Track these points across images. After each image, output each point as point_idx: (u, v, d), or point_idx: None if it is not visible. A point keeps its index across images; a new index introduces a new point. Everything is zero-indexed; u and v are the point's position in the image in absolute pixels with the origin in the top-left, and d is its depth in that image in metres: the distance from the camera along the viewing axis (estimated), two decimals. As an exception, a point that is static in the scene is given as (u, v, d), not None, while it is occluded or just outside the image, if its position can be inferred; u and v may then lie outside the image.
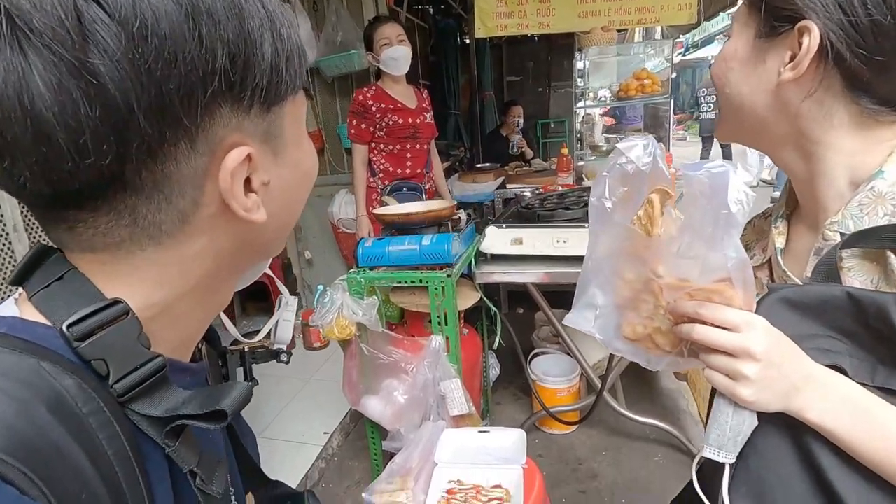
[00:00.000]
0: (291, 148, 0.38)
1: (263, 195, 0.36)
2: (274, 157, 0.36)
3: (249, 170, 0.34)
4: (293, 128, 0.38)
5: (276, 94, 0.35)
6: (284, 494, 0.60)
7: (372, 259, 1.61)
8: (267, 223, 0.37)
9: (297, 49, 0.36)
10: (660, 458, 2.00)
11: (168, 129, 0.30)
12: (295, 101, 0.38)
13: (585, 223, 1.69)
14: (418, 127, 2.37)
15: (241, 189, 0.34)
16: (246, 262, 0.41)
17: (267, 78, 0.33)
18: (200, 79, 0.30)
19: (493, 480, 1.19)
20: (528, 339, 2.54)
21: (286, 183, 0.38)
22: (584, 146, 3.56)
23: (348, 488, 1.95)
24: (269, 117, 0.35)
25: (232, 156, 0.32)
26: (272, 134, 0.36)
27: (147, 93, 0.28)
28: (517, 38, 5.44)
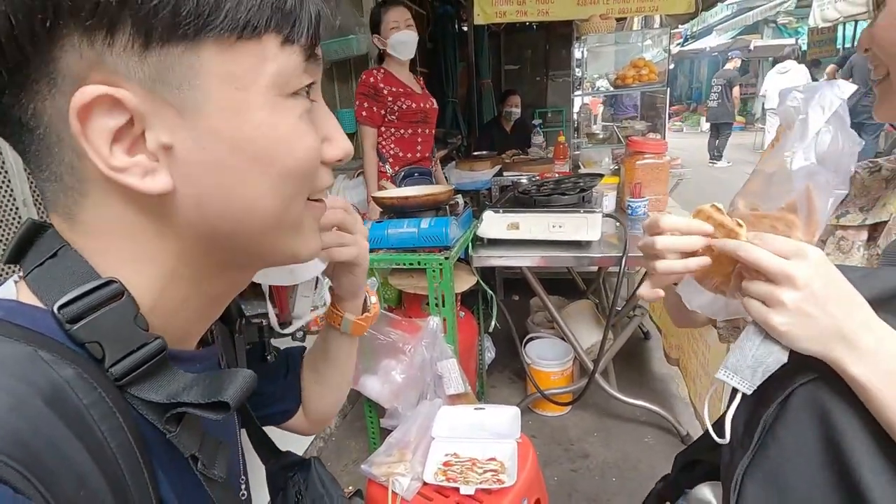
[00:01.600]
0: (218, 113, 0.30)
1: (170, 164, 0.30)
2: (179, 118, 0.30)
3: (139, 124, 0.29)
4: (224, 86, 0.30)
5: (162, 26, 0.28)
6: (293, 463, 0.63)
7: (371, 241, 1.63)
8: (192, 202, 0.32)
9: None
10: (649, 439, 2.05)
11: (12, 53, 0.27)
12: (233, 50, 0.30)
13: (580, 209, 1.74)
14: (427, 112, 2.38)
15: (104, 139, 0.29)
16: (225, 255, 0.35)
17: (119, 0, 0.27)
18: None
19: (488, 454, 1.23)
20: (522, 325, 2.59)
21: (211, 157, 0.31)
22: (580, 134, 3.58)
23: (346, 466, 2.00)
24: (156, 58, 0.28)
25: (82, 90, 0.27)
26: (170, 83, 0.29)
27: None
28: (515, 27, 5.42)
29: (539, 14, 3.20)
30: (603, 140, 3.41)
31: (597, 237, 1.68)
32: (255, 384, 0.34)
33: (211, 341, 0.46)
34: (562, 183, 1.99)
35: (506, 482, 1.13)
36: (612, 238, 1.82)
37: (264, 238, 0.35)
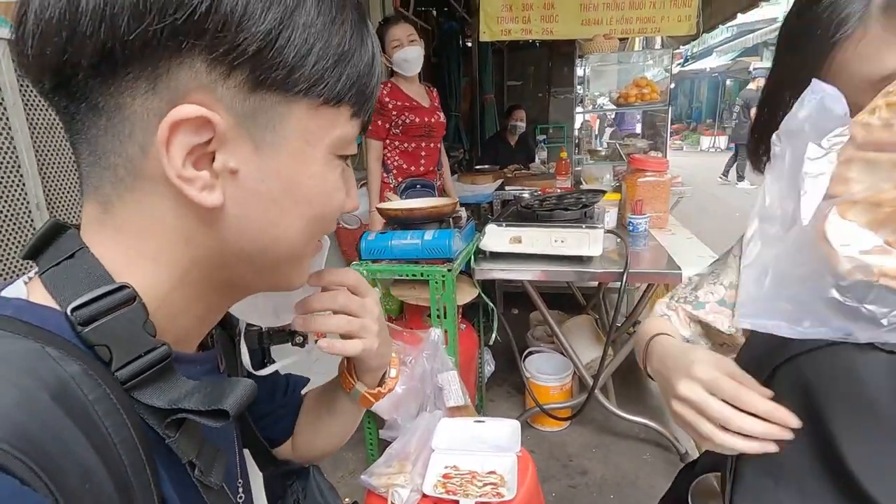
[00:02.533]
0: (286, 157, 0.34)
1: (228, 183, 0.33)
2: (254, 151, 0.33)
3: (215, 144, 0.32)
4: (300, 138, 0.34)
5: (272, 78, 0.32)
6: (291, 471, 0.63)
7: (374, 252, 1.65)
8: (235, 223, 0.34)
9: (342, 58, 0.34)
10: (648, 456, 2.04)
11: (111, 43, 0.29)
12: (316, 112, 0.34)
13: (582, 224, 1.75)
14: (433, 126, 2.39)
15: (182, 150, 0.31)
16: (237, 269, 0.37)
17: (255, 47, 0.30)
18: (160, 3, 0.28)
19: (487, 467, 1.23)
20: (522, 339, 2.59)
21: (266, 190, 0.34)
22: (582, 150, 3.61)
23: (342, 478, 1.98)
24: (257, 100, 0.32)
25: (184, 108, 0.30)
26: (258, 123, 0.33)
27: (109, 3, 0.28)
28: (519, 44, 5.51)
29: (543, 32, 3.25)
30: (605, 157, 3.44)
31: (598, 252, 1.69)
32: (255, 394, 0.35)
33: (211, 345, 0.47)
34: (564, 198, 2.01)
35: (505, 496, 1.13)
36: (613, 254, 1.83)
37: (278, 267, 0.39)
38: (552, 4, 3.15)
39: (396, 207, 1.78)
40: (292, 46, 0.32)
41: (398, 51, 2.22)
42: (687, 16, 3.05)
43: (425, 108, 2.37)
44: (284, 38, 0.31)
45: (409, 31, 2.26)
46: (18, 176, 1.00)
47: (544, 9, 3.16)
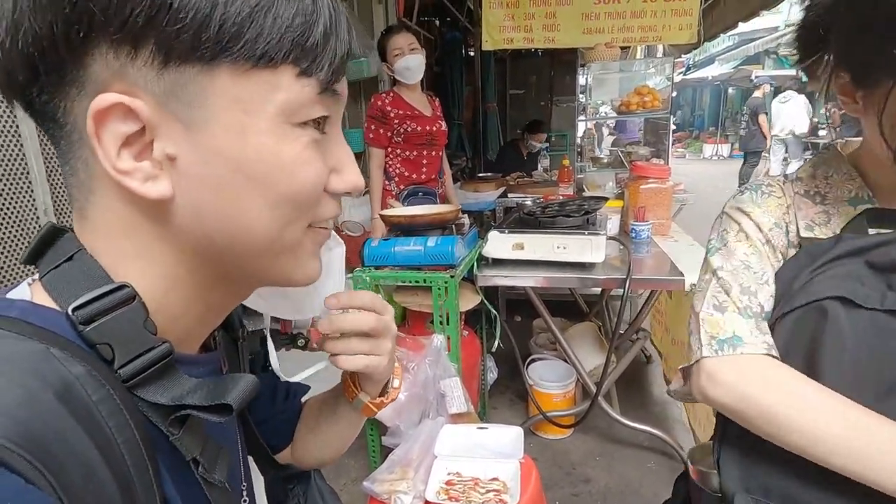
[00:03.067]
0: (223, 133, 0.32)
1: (171, 172, 0.32)
2: (185, 131, 0.31)
3: (149, 133, 0.31)
4: (231, 108, 0.31)
5: (181, 48, 0.29)
6: (292, 475, 0.62)
7: (378, 259, 1.66)
8: (189, 213, 0.33)
9: (256, 6, 0.30)
10: (652, 464, 2.03)
11: (37, 57, 0.30)
12: (246, 77, 0.31)
13: (585, 230, 1.76)
14: (434, 134, 2.41)
15: (114, 143, 0.31)
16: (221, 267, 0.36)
17: (145, 17, 0.28)
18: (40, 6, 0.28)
19: (490, 473, 1.23)
20: (525, 346, 2.58)
21: (211, 173, 0.32)
22: (584, 158, 3.63)
23: (344, 485, 1.97)
24: (173, 75, 0.30)
25: (100, 97, 0.30)
26: (181, 100, 0.31)
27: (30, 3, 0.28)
28: (521, 53, 5.55)
29: (545, 41, 3.28)
30: (607, 164, 3.45)
31: (601, 259, 1.69)
32: (258, 388, 0.35)
33: (213, 347, 0.47)
34: (566, 205, 2.01)
35: (508, 502, 1.13)
36: (616, 261, 1.83)
37: (259, 258, 0.36)
38: (554, 14, 3.18)
39: (399, 214, 1.79)
40: (187, 8, 0.29)
41: (399, 59, 2.24)
42: (688, 24, 3.07)
43: (427, 116, 2.39)
44: (202, 9, 0.29)
45: (410, 39, 2.28)
46: (27, 182, 1.01)
47: (546, 18, 3.19)
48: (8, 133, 0.98)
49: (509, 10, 3.22)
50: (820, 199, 0.63)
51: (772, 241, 0.64)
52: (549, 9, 3.17)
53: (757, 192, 0.67)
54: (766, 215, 0.65)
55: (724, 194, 0.79)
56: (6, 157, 0.99)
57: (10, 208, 1.00)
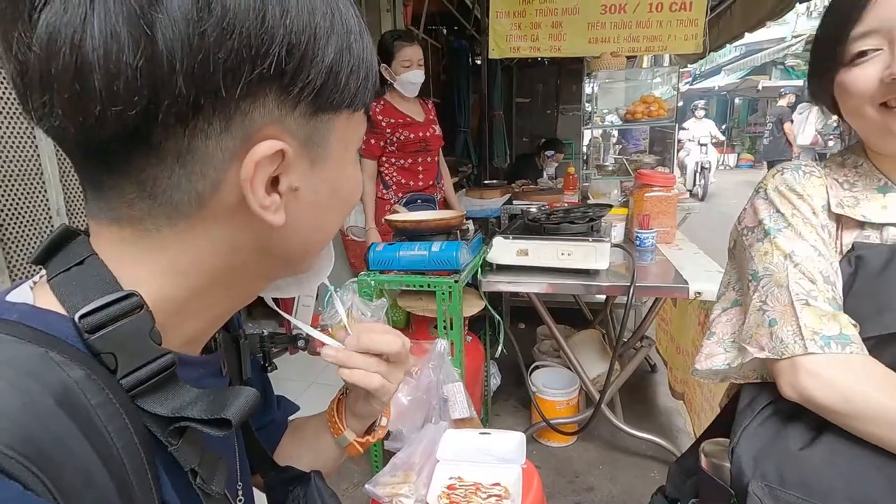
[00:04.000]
0: (333, 165, 0.37)
1: (289, 201, 0.35)
2: (311, 167, 0.35)
3: (280, 168, 0.33)
4: (340, 146, 0.37)
5: (329, 101, 0.34)
6: (293, 477, 0.62)
7: (382, 263, 1.67)
8: (288, 233, 0.36)
9: (366, 68, 0.36)
10: (655, 473, 2.01)
11: (204, 98, 0.29)
12: (350, 119, 0.37)
13: (589, 237, 1.76)
14: (428, 140, 2.39)
15: (262, 182, 0.32)
16: (268, 269, 0.40)
17: (321, 80, 0.32)
18: (251, 56, 0.29)
19: (492, 479, 1.22)
20: (529, 353, 2.58)
21: (318, 198, 0.37)
22: (590, 166, 3.63)
23: (346, 489, 1.97)
24: (314, 123, 0.34)
25: (263, 145, 0.32)
26: (314, 142, 0.35)
27: (194, 56, 0.28)
28: (527, 62, 5.58)
29: (552, 50, 3.30)
30: (612, 172, 3.46)
31: (605, 266, 1.69)
32: (258, 402, 0.36)
33: (214, 348, 0.47)
34: (571, 212, 2.02)
35: (510, 508, 1.12)
36: (621, 268, 1.83)
37: (307, 257, 0.42)
38: (560, 23, 3.21)
39: (405, 219, 1.80)
40: (344, 71, 0.34)
41: (408, 72, 2.21)
42: (693, 34, 3.09)
43: (419, 122, 2.36)
44: (340, 65, 0.33)
45: (420, 54, 2.26)
46: (41, 183, 1.03)
47: (552, 27, 3.22)
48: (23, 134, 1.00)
49: (516, 20, 3.25)
50: (849, 186, 0.65)
51: (826, 225, 0.64)
52: (556, 18, 3.20)
53: (799, 173, 0.67)
54: (815, 198, 0.65)
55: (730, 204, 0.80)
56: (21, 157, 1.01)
57: (23, 208, 1.02)
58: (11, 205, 1.02)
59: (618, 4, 3.10)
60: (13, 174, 1.00)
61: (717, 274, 1.71)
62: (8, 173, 1.00)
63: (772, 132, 8.44)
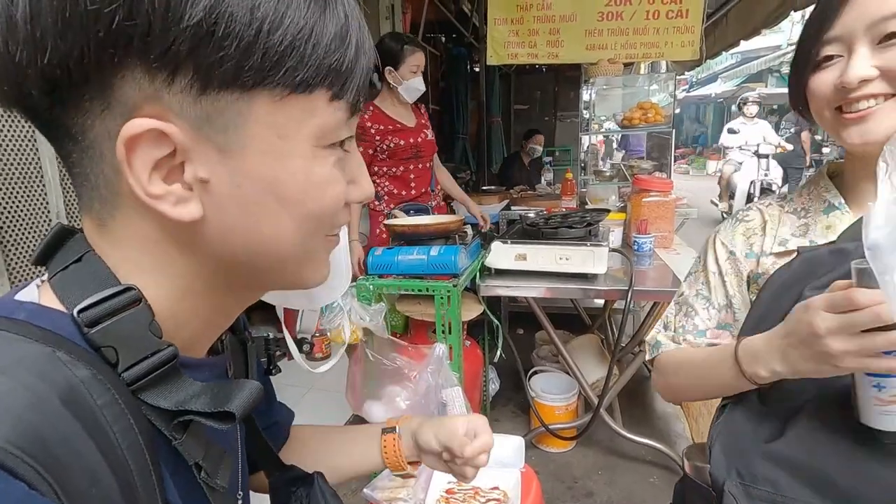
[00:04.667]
0: (258, 157, 0.32)
1: (203, 194, 0.32)
2: (220, 155, 0.31)
3: (179, 156, 0.31)
4: (267, 133, 0.32)
5: (220, 76, 0.29)
6: (296, 477, 0.62)
7: (381, 267, 1.67)
8: (217, 234, 0.33)
9: (297, 36, 0.30)
10: (655, 479, 2.01)
11: (61, 74, 0.28)
12: (283, 103, 0.32)
13: (587, 242, 1.77)
14: (420, 146, 2.30)
15: (145, 167, 0.30)
16: (240, 276, 0.37)
17: (187, 46, 0.28)
18: (93, 19, 0.27)
19: (491, 483, 1.22)
20: (527, 359, 2.57)
21: (244, 195, 0.33)
22: (588, 172, 3.65)
23: (345, 495, 1.96)
24: (209, 102, 0.30)
25: (132, 123, 0.29)
26: (217, 126, 0.31)
27: (40, 20, 0.27)
28: (525, 69, 5.63)
29: (549, 57, 3.32)
30: (610, 178, 3.47)
31: (603, 270, 1.70)
32: (262, 396, 0.35)
33: (220, 350, 0.47)
34: (569, 217, 2.02)
35: (509, 512, 1.12)
36: (619, 272, 1.84)
37: (280, 268, 0.37)
38: (558, 30, 3.23)
39: (403, 223, 1.81)
40: (231, 37, 0.28)
41: (414, 78, 2.16)
42: (690, 41, 3.11)
43: (410, 128, 2.29)
44: (220, 29, 0.28)
45: (423, 62, 2.20)
46: (41, 186, 1.03)
47: (550, 34, 3.24)
48: (24, 138, 1.00)
49: (514, 27, 3.28)
50: (804, 213, 0.69)
51: (733, 268, 0.73)
52: (553, 25, 3.23)
53: (733, 220, 0.76)
54: (733, 245, 0.74)
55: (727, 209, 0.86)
56: (22, 161, 1.02)
57: (24, 211, 1.03)
58: (12, 208, 1.02)
59: (615, 11, 3.13)
60: (14, 177, 1.00)
61: (714, 278, 1.72)
62: (8, 176, 1.00)
63: (790, 140, 8.38)
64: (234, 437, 0.49)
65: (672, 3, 3.06)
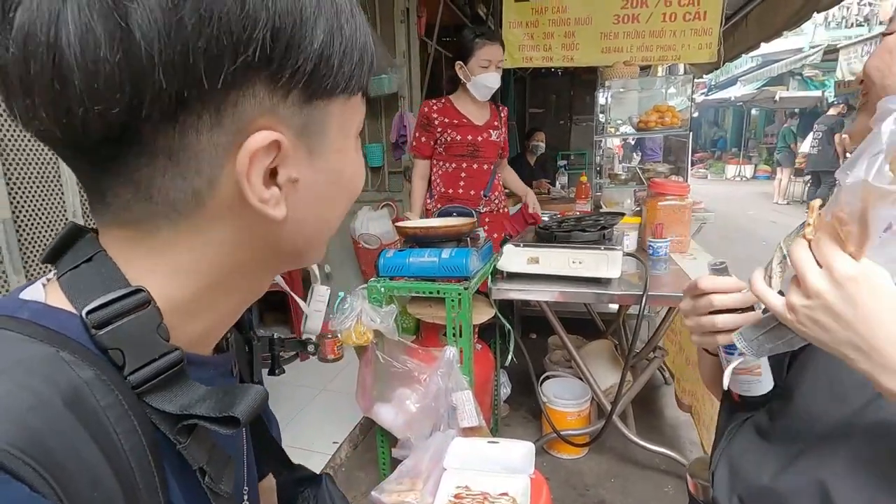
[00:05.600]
0: (333, 153, 0.36)
1: (290, 193, 0.34)
2: (309, 156, 0.34)
3: (278, 160, 0.32)
4: (339, 132, 0.36)
5: (322, 87, 0.33)
6: (304, 477, 0.61)
7: (392, 269, 1.67)
8: (292, 226, 0.35)
9: (361, 49, 0.35)
10: (669, 489, 1.97)
11: (188, 91, 0.28)
12: (347, 104, 0.36)
13: (601, 245, 1.75)
14: (478, 145, 2.20)
15: (259, 176, 0.32)
16: (274, 264, 0.39)
17: (312, 65, 0.31)
18: (232, 43, 0.28)
19: (500, 488, 1.21)
20: (539, 363, 2.55)
21: (320, 189, 0.36)
22: (603, 175, 3.62)
23: (354, 498, 1.96)
24: (309, 110, 0.33)
25: (257, 137, 0.30)
26: (311, 130, 0.34)
27: (172, 46, 0.26)
28: (541, 72, 5.61)
29: (564, 60, 3.30)
30: (625, 181, 3.43)
31: (617, 274, 1.67)
32: (267, 400, 0.35)
33: (226, 348, 0.46)
34: (582, 220, 2.00)
35: (518, 519, 1.10)
36: (633, 277, 1.81)
37: (308, 249, 0.40)
38: (573, 33, 3.21)
39: (415, 226, 1.80)
40: (336, 54, 0.32)
41: (484, 73, 2.06)
42: (708, 44, 3.07)
43: (475, 125, 2.19)
44: (331, 48, 0.32)
45: (500, 55, 2.08)
46: (59, 186, 1.05)
47: (565, 37, 3.23)
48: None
49: (528, 30, 3.27)
50: None
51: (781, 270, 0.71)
52: (568, 28, 3.21)
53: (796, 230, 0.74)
54: None
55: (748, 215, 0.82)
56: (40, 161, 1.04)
57: (41, 210, 1.05)
58: (29, 206, 1.05)
59: (631, 14, 3.10)
60: (32, 177, 1.03)
61: (731, 284, 1.68)
62: (26, 176, 1.02)
63: (821, 142, 8.17)
64: (240, 440, 0.49)
65: (689, 4, 3.02)
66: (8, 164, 1.02)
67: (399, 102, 3.04)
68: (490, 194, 2.30)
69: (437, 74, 3.60)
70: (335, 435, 2.21)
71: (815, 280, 0.48)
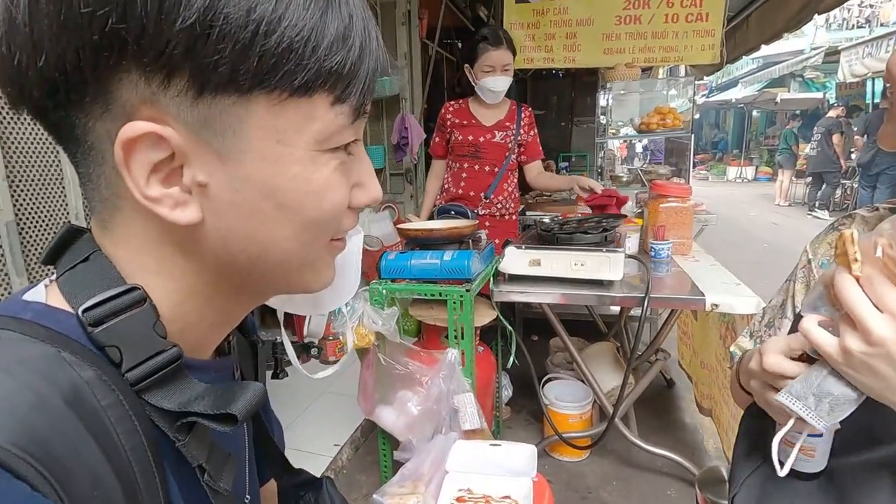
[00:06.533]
0: (257, 162, 0.31)
1: (202, 198, 0.32)
2: (219, 160, 0.31)
3: (180, 159, 0.31)
4: (265, 138, 0.31)
5: (217, 78, 0.29)
6: (305, 481, 0.61)
7: (394, 271, 1.67)
8: (217, 238, 0.33)
9: (296, 37, 0.29)
10: (672, 492, 1.96)
11: (64, 75, 0.29)
12: (284, 107, 0.31)
13: (603, 247, 1.74)
14: (479, 145, 2.21)
15: (143, 170, 0.30)
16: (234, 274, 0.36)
17: (182, 49, 0.27)
18: (84, 21, 0.27)
19: (502, 491, 1.20)
20: (541, 366, 2.54)
21: (243, 200, 0.32)
22: (604, 177, 3.62)
23: (355, 501, 1.95)
24: (204, 105, 0.29)
25: (129, 126, 0.29)
26: (215, 130, 0.30)
27: (37, 24, 0.27)
28: (542, 74, 5.60)
29: (566, 61, 3.30)
30: (627, 183, 3.43)
31: (619, 277, 1.67)
32: (265, 398, 0.35)
33: (227, 352, 0.46)
34: (584, 222, 2.00)
35: (520, 522, 1.10)
36: (635, 279, 1.81)
37: (281, 274, 0.37)
38: (574, 34, 3.21)
39: (416, 228, 1.80)
40: (226, 39, 0.28)
41: (487, 77, 2.09)
42: (710, 45, 3.07)
43: (483, 126, 2.20)
44: (215, 32, 0.27)
45: (506, 59, 2.10)
46: (61, 187, 1.05)
47: (567, 38, 3.23)
48: (45, 140, 1.03)
49: (530, 31, 3.27)
50: None
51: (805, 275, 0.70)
52: (570, 29, 3.21)
53: (829, 228, 0.73)
54: (815, 253, 0.70)
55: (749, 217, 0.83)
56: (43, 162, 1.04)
57: (43, 211, 1.05)
58: (32, 208, 1.05)
59: (633, 15, 3.10)
60: (34, 178, 1.03)
61: (734, 286, 1.68)
62: (29, 177, 1.02)
63: (819, 143, 8.22)
64: (241, 440, 0.49)
65: (692, 6, 3.02)
66: (11, 166, 1.03)
67: (400, 104, 3.05)
68: (492, 197, 2.28)
69: (438, 76, 3.60)
70: (336, 437, 2.21)
71: (878, 327, 0.44)
